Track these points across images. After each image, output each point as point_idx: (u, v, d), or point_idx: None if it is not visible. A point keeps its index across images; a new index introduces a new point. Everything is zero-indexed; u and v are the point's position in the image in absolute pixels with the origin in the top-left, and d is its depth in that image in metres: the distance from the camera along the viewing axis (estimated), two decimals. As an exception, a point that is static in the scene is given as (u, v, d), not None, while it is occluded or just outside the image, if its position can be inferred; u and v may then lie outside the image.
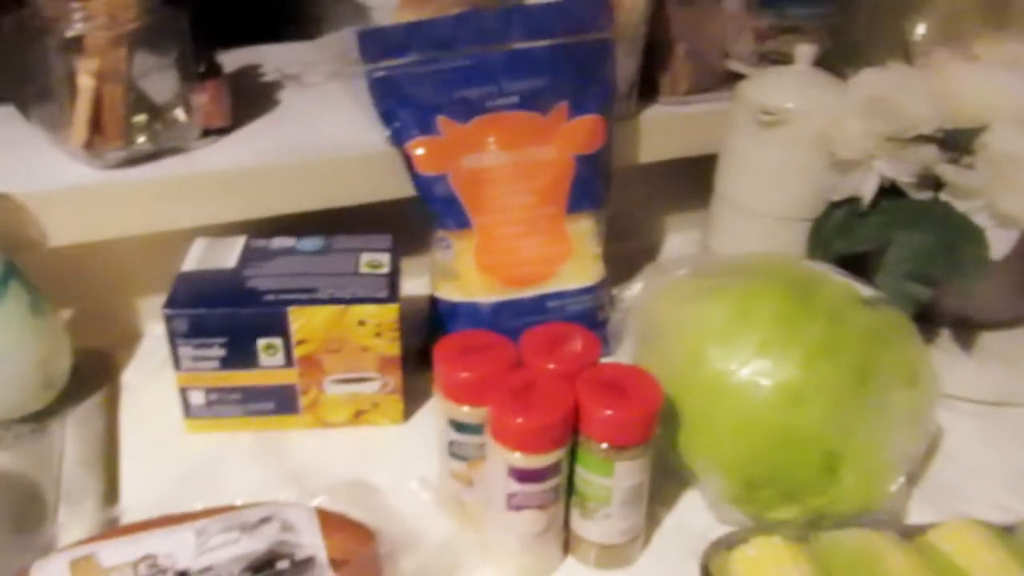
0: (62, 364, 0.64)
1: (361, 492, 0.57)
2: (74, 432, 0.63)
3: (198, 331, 0.58)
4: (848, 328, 0.51)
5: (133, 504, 0.57)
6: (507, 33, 0.65)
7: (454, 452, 0.53)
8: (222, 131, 0.70)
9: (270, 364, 0.60)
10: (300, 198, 0.69)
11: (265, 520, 0.50)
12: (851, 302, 0.53)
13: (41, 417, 0.63)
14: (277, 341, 0.59)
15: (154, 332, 0.72)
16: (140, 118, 0.66)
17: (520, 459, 0.47)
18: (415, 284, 0.72)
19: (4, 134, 0.68)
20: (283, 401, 0.62)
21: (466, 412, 0.51)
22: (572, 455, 0.50)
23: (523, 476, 0.48)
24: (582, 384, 0.49)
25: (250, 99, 0.77)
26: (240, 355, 0.59)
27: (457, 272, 0.67)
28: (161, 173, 0.65)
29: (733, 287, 0.54)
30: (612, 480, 0.49)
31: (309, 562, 0.48)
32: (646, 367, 0.52)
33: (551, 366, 0.51)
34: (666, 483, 0.56)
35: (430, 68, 0.64)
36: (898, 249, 0.62)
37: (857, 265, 0.62)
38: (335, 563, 0.48)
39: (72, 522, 0.55)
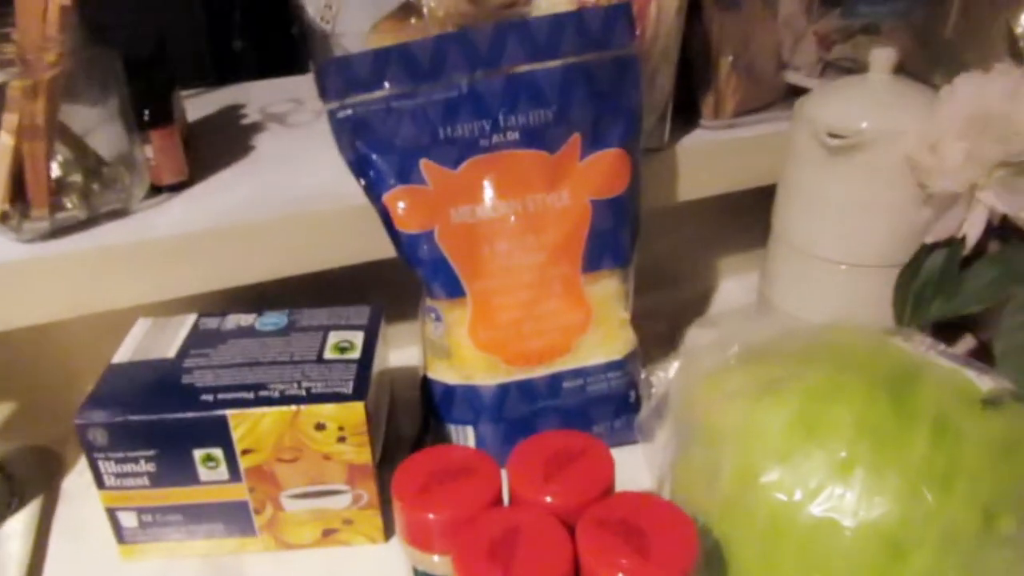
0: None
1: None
2: (12, 551, 0.52)
3: (119, 443, 0.47)
4: (963, 441, 0.36)
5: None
6: (503, 55, 0.52)
7: (427, 609, 0.40)
8: (177, 187, 0.60)
9: (212, 479, 0.48)
10: (266, 264, 0.57)
11: None
12: (965, 401, 0.38)
13: (-39, 539, 0.53)
14: (217, 452, 0.48)
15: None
16: (75, 178, 0.56)
17: (501, 640, 0.34)
18: (412, 354, 0.60)
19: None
20: (234, 521, 0.50)
21: (438, 562, 0.38)
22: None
23: (507, 662, 0.35)
24: (586, 529, 0.36)
25: (220, 145, 0.67)
26: (174, 469, 0.48)
27: (451, 349, 0.55)
28: (94, 244, 0.54)
29: (797, 382, 0.40)
30: (633, 665, 0.35)
31: None
32: (683, 485, 0.39)
33: (547, 499, 0.38)
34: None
35: (409, 103, 0.52)
36: (1021, 311, 0.47)
37: (961, 329, 0.48)
38: None
39: None
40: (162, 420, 0.47)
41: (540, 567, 0.34)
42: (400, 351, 0.62)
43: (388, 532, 0.52)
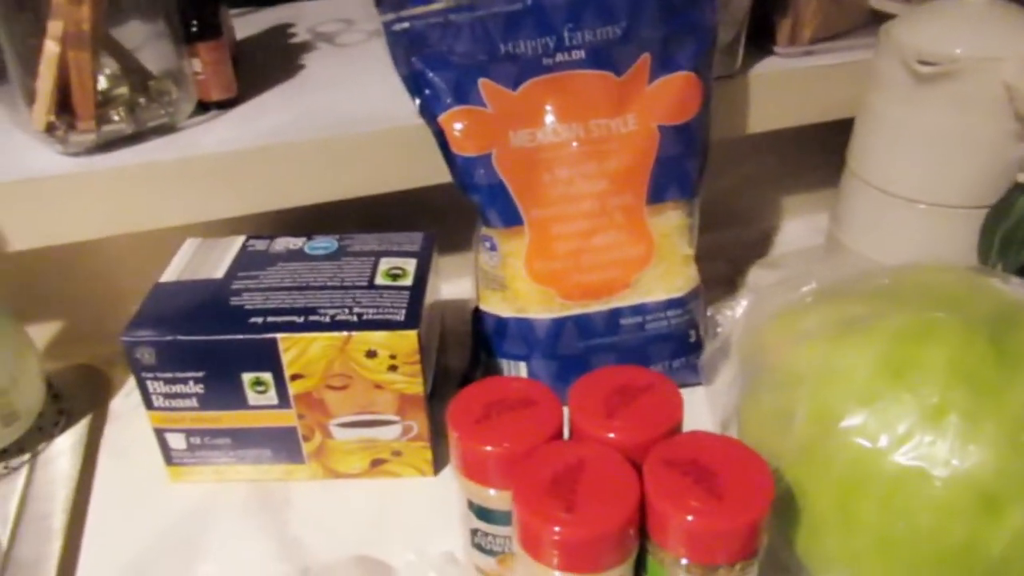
0: (29, 394, 0.53)
1: (368, 574, 0.44)
2: (44, 476, 0.52)
3: (167, 363, 0.46)
4: (1068, 390, 0.33)
5: (91, 578, 0.45)
6: (570, -33, 0.48)
7: (479, 544, 0.39)
8: (225, 104, 0.58)
9: (261, 404, 0.47)
10: (316, 187, 0.55)
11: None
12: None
13: (7, 456, 0.53)
14: (266, 376, 0.46)
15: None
16: (122, 91, 0.54)
17: (561, 578, 0.33)
18: (464, 287, 0.58)
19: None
20: (282, 447, 0.49)
21: (494, 496, 0.37)
22: (638, 565, 0.35)
23: (567, 601, 0.33)
24: (654, 468, 0.34)
25: (268, 66, 0.64)
26: (223, 392, 0.47)
27: (505, 280, 0.53)
28: (141, 159, 0.52)
29: (883, 321, 0.37)
30: (698, 607, 0.34)
31: None
32: (751, 429, 0.37)
33: (610, 435, 0.36)
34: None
35: (468, 16, 0.49)
36: None
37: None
38: None
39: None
40: (211, 341, 0.45)
41: (605, 504, 0.33)
42: (450, 284, 0.60)
43: (437, 465, 0.50)
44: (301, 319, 0.46)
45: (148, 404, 0.47)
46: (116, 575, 0.45)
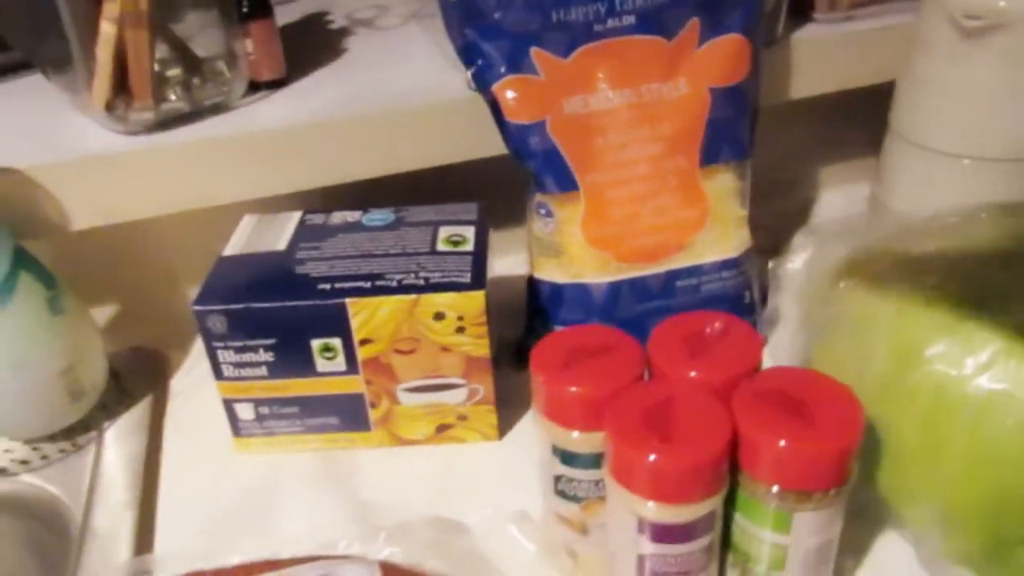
0: (94, 370, 0.53)
1: (443, 534, 0.44)
2: (111, 451, 0.53)
3: (238, 331, 0.47)
4: None
5: (169, 545, 0.46)
6: (619, -69, 0.49)
7: (562, 490, 0.39)
8: (274, 84, 0.58)
9: (329, 370, 0.48)
10: (367, 161, 0.56)
11: (314, 583, 0.38)
12: None
13: (74, 434, 0.54)
14: (335, 342, 0.47)
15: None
16: (175, 72, 0.55)
17: (656, 511, 0.33)
18: (510, 262, 0.59)
19: (25, 104, 0.58)
20: (349, 415, 0.49)
21: (577, 439, 0.37)
22: (729, 499, 0.35)
23: (661, 534, 0.34)
24: (743, 401, 0.34)
25: (311, 49, 0.65)
26: (292, 360, 0.47)
27: (561, 247, 0.53)
28: (198, 136, 0.53)
29: (959, 252, 0.37)
30: (789, 537, 0.34)
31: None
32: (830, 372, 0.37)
33: (692, 374, 0.37)
34: (857, 528, 0.40)
35: (520, -15, 0.50)
36: None
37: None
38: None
39: (98, 568, 0.45)
40: (280, 308, 0.46)
41: (699, 435, 0.33)
42: (494, 259, 0.61)
43: (502, 430, 0.51)
44: (368, 284, 0.46)
45: (218, 374, 0.48)
46: (193, 542, 0.46)
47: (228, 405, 0.49)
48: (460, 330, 0.46)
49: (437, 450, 0.50)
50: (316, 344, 0.47)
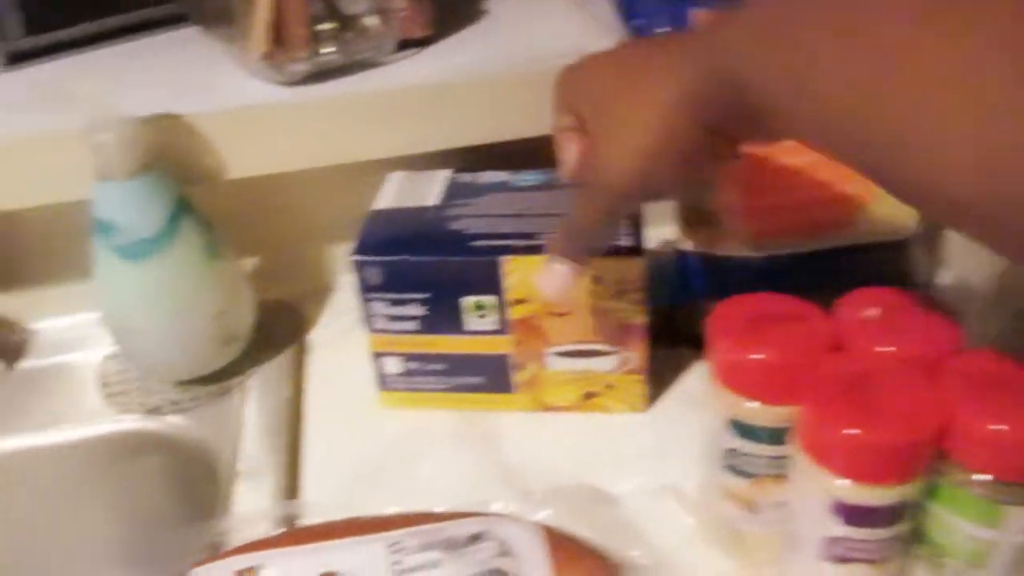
0: (243, 316, 0.54)
1: (593, 504, 0.43)
2: (257, 397, 0.54)
3: (395, 283, 0.46)
4: None
5: (315, 494, 0.46)
6: None
7: (733, 465, 0.38)
8: (422, 43, 0.58)
9: (479, 328, 0.47)
10: (513, 121, 0.55)
11: (476, 538, 0.38)
12: None
13: (221, 378, 0.55)
14: (489, 300, 0.46)
15: (346, 284, 0.62)
16: (329, 26, 0.55)
17: (851, 490, 0.31)
18: (655, 234, 0.57)
19: (183, 55, 0.59)
20: (494, 376, 0.49)
21: (756, 411, 0.35)
22: (927, 489, 0.33)
23: (854, 516, 0.32)
24: (952, 381, 0.32)
25: (456, 8, 0.64)
26: (443, 316, 0.47)
27: (715, 218, 0.51)
28: (351, 88, 0.53)
29: None
30: (997, 532, 0.32)
31: (535, 604, 0.35)
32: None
33: (891, 349, 0.34)
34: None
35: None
36: None
37: None
38: (569, 608, 0.35)
39: (245, 511, 0.45)
40: (437, 262, 0.45)
41: (905, 414, 0.31)
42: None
43: (650, 400, 0.49)
44: (525, 243, 0.45)
45: (370, 326, 0.48)
46: (339, 489, 0.46)
47: (377, 358, 0.49)
48: (617, 295, 0.45)
49: (580, 418, 0.49)
50: (468, 301, 0.46)
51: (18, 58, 0.59)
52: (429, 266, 0.46)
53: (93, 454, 0.55)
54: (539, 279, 0.41)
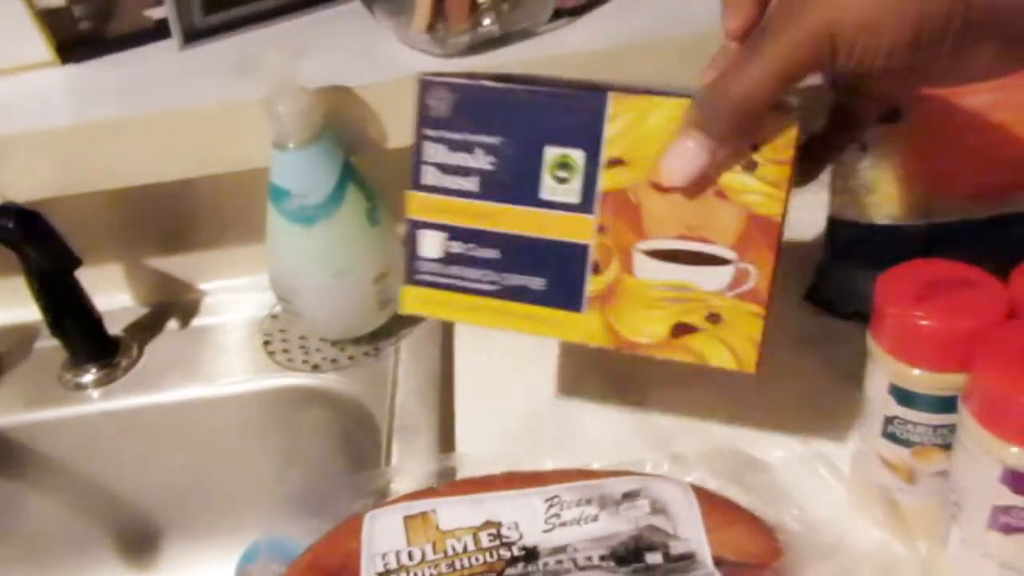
0: (397, 282, 0.57)
1: (742, 467, 0.43)
2: (408, 358, 0.57)
3: (462, 117, 0.37)
4: None
5: (469, 449, 0.48)
6: None
7: (892, 433, 0.37)
8: (576, 12, 0.59)
9: (556, 199, 0.37)
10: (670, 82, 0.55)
11: (631, 496, 0.39)
12: None
13: (376, 339, 0.58)
14: (576, 155, 0.36)
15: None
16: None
17: (1025, 459, 0.30)
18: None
19: (346, 29, 0.62)
20: (561, 279, 0.38)
21: (920, 378, 0.35)
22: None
23: (1027, 485, 0.31)
24: None
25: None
26: (514, 174, 0.37)
27: (873, 184, 0.50)
28: (510, 58, 0.54)
29: None
30: None
31: (688, 560, 0.36)
32: None
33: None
34: None
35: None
36: None
37: None
38: (723, 566, 0.35)
39: (405, 463, 0.49)
40: (523, 92, 0.36)
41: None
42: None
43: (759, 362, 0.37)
44: (640, 85, 0.36)
45: (416, 180, 0.38)
46: (492, 444, 0.48)
47: (413, 231, 0.39)
48: (751, 166, 0.34)
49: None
50: (551, 155, 0.36)
51: (195, 36, 0.64)
52: (512, 97, 0.36)
53: (258, 406, 0.59)
54: (665, 156, 0.33)
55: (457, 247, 0.38)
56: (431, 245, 0.39)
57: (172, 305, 0.65)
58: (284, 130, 0.50)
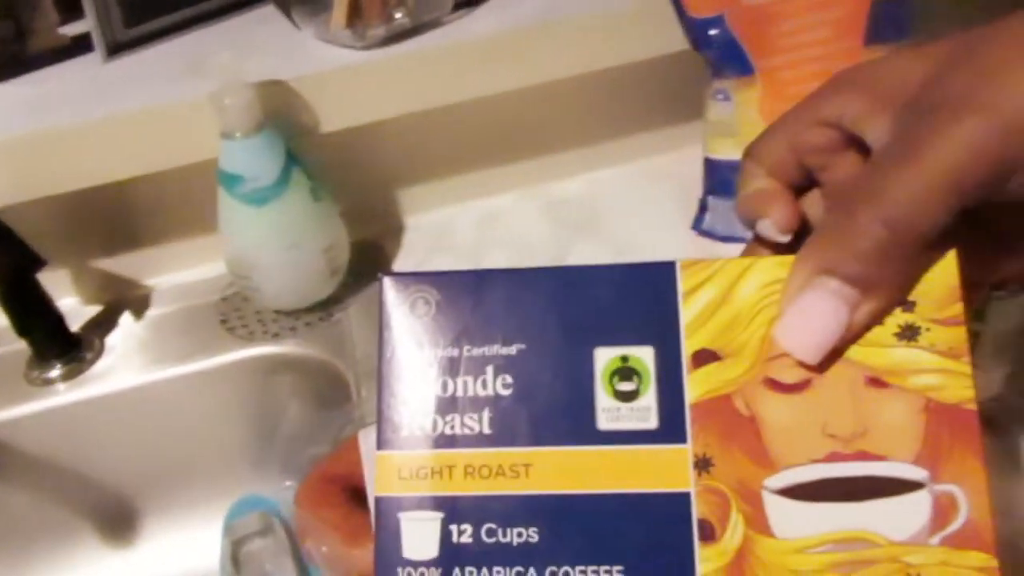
0: (344, 251, 0.64)
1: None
2: (360, 317, 0.63)
3: (460, 320, 0.26)
4: None
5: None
6: None
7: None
8: (472, 3, 0.67)
9: (623, 428, 0.24)
10: (565, 61, 0.64)
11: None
12: None
13: (327, 306, 0.64)
14: (644, 354, 0.25)
15: (416, 224, 0.71)
16: (395, -4, 0.64)
17: None
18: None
19: (265, 30, 0.68)
20: (647, 559, 0.24)
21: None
22: None
23: None
24: None
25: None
26: (550, 393, 0.25)
27: (736, 127, 0.60)
28: (422, 47, 0.62)
29: None
30: None
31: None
32: None
33: None
34: None
35: None
36: None
37: None
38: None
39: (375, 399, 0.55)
40: (552, 273, 0.25)
41: None
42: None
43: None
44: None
45: (383, 439, 0.26)
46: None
47: (388, 520, 0.24)
48: (910, 333, 0.24)
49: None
50: (604, 359, 0.25)
51: (118, 48, 0.68)
52: (534, 283, 0.25)
53: (227, 379, 0.63)
54: (784, 320, 0.23)
55: (465, 532, 0.24)
56: (422, 538, 0.24)
57: (123, 301, 0.69)
58: (232, 121, 0.56)
